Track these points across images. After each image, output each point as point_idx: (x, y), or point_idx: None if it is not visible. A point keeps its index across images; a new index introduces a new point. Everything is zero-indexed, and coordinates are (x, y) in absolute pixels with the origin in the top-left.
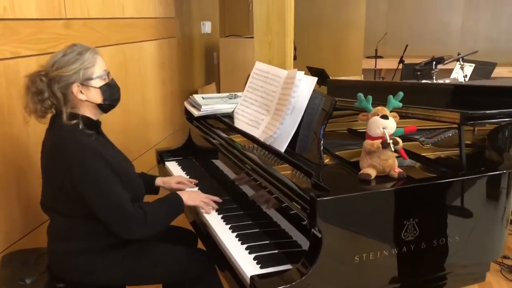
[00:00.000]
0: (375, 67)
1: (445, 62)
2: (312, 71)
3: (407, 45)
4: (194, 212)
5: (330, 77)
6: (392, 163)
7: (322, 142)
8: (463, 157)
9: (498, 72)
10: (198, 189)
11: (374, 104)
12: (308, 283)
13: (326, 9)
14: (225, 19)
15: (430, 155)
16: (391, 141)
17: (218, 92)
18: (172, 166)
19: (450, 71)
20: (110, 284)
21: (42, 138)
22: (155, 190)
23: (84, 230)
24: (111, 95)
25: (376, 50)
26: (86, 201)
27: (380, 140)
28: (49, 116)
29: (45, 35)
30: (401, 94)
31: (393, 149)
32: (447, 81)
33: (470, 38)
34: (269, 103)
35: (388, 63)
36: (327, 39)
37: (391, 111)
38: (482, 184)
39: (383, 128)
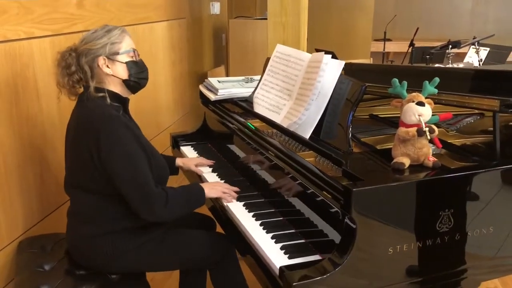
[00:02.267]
0: (384, 50)
1: (461, 46)
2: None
3: (418, 28)
4: (214, 198)
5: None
6: (427, 152)
7: (350, 129)
8: (497, 146)
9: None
10: (217, 175)
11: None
12: (342, 274)
13: None
14: (232, 0)
15: (456, 142)
16: (427, 129)
17: (227, 74)
18: (188, 151)
19: (463, 55)
20: (131, 271)
21: (58, 121)
22: (176, 170)
23: (108, 210)
24: (137, 72)
25: (385, 33)
26: (112, 174)
27: (416, 128)
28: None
29: (59, 14)
30: (437, 79)
31: (429, 137)
32: (461, 65)
33: (480, 21)
34: (291, 87)
35: (397, 46)
36: (335, 21)
37: (426, 98)
38: None
39: (419, 116)
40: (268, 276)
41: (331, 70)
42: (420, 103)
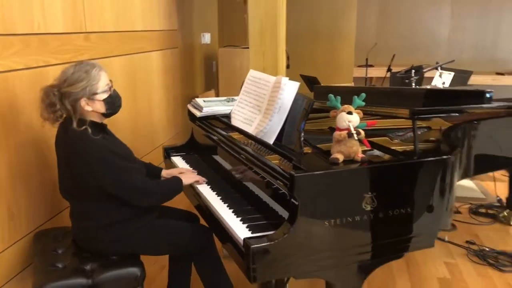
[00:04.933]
0: (366, 75)
1: (424, 70)
2: (305, 78)
3: (394, 55)
4: (198, 196)
5: (322, 84)
6: (356, 150)
7: (302, 134)
8: (416, 146)
9: (482, 80)
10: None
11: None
12: (289, 241)
13: (320, 21)
14: (223, 31)
15: (397, 148)
16: (354, 132)
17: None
18: (178, 160)
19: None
20: (126, 253)
21: None
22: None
23: (103, 208)
24: (113, 104)
25: (366, 60)
26: (106, 186)
27: (346, 131)
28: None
29: (69, 46)
30: (363, 95)
31: (356, 138)
32: (428, 87)
33: (457, 47)
34: (260, 104)
35: (378, 72)
36: (321, 49)
37: (356, 109)
38: (429, 168)
39: (349, 122)
40: (237, 249)
41: (289, 89)
42: (350, 113)
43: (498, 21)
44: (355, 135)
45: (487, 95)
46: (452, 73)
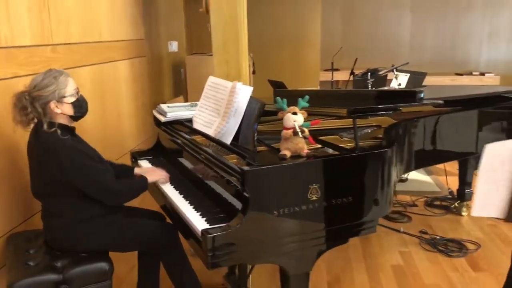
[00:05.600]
0: (332, 79)
1: (380, 73)
2: (272, 83)
3: (356, 59)
4: (163, 196)
5: (288, 88)
6: (302, 146)
7: (256, 134)
8: (357, 141)
9: (441, 80)
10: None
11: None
12: (242, 230)
13: (286, 27)
14: (192, 38)
15: (347, 145)
16: (299, 130)
17: None
18: (144, 163)
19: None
20: (95, 250)
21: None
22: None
23: (69, 207)
24: (80, 107)
25: (332, 64)
26: (76, 184)
27: (292, 130)
28: (30, 126)
29: (37, 58)
30: (307, 97)
31: (301, 135)
32: (385, 89)
33: (418, 50)
34: (219, 107)
35: (344, 75)
36: (287, 55)
37: (300, 109)
38: (367, 161)
39: (294, 121)
40: (197, 241)
41: (243, 94)
42: (295, 113)
43: (455, 24)
44: (299, 133)
45: (419, 95)
46: (408, 75)
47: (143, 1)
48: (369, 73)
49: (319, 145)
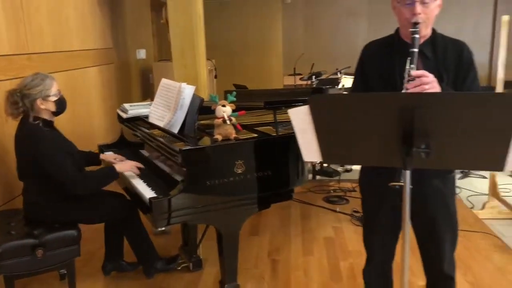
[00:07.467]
0: (294, 83)
1: (323, 76)
2: (237, 87)
3: (313, 64)
4: (125, 179)
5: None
6: (230, 132)
7: (196, 123)
8: (277, 128)
9: None
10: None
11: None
12: (182, 197)
13: (249, 33)
14: (162, 46)
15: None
16: (227, 119)
17: None
18: (110, 154)
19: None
20: (67, 221)
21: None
22: (99, 162)
23: (49, 187)
24: (61, 105)
25: (294, 69)
26: (47, 170)
27: (222, 119)
28: (19, 117)
29: (14, 65)
30: (234, 93)
31: (229, 123)
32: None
33: None
34: (169, 104)
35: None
36: (251, 60)
37: (230, 103)
38: (283, 142)
39: (223, 112)
40: (148, 209)
41: (188, 92)
42: (224, 106)
43: None
44: (227, 121)
45: (326, 91)
46: (352, 77)
47: (111, 14)
48: (313, 76)
49: (252, 132)
